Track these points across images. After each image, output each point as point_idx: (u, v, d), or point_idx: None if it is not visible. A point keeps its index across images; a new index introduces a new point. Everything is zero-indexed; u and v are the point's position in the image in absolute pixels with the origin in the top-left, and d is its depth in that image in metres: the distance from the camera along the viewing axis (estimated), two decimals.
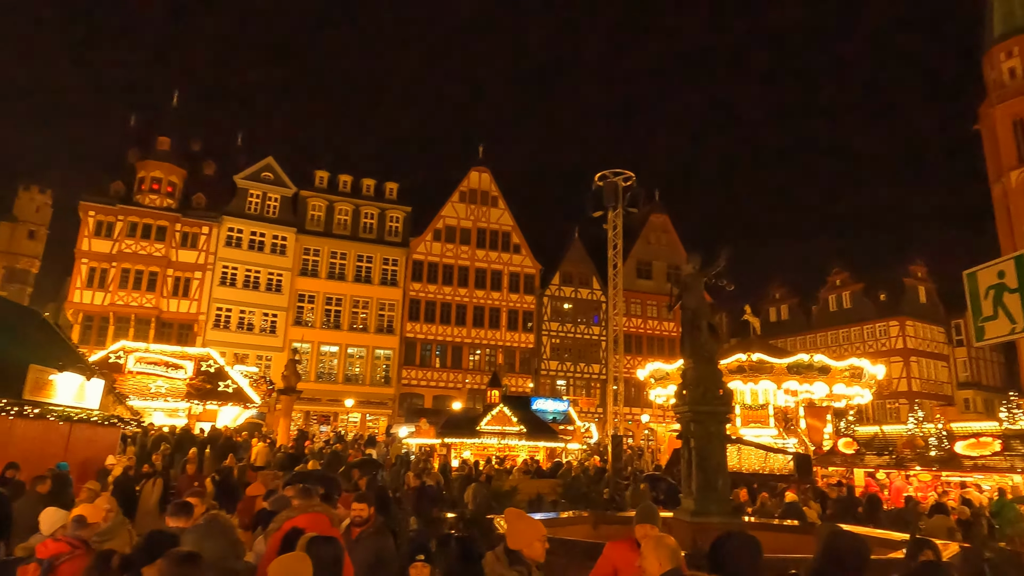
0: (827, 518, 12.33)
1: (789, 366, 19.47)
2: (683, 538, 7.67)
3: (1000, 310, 6.15)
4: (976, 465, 17.09)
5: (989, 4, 49.94)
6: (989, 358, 51.74)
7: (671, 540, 3.23)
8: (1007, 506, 12.82)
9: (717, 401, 8.51)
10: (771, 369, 19.28)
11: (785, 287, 57.85)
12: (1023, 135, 46.13)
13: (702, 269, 9.26)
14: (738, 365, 19.71)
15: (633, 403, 42.87)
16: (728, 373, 20.12)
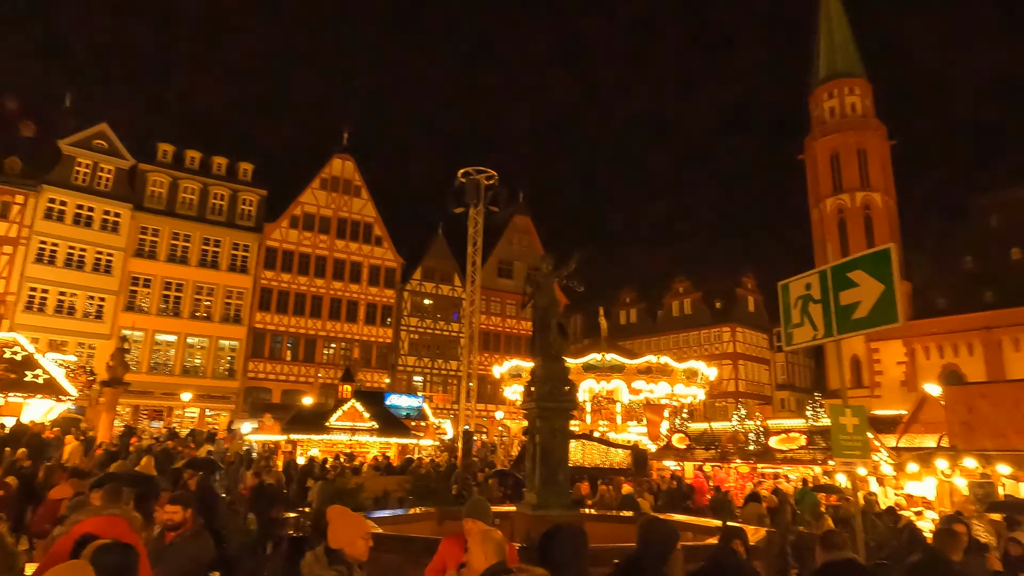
0: (659, 508, 13.22)
1: (639, 367, 20.70)
2: (524, 531, 7.85)
3: (806, 318, 6.87)
4: (786, 458, 19.13)
5: (817, 48, 56.29)
6: (802, 363, 58.23)
7: (497, 534, 3.24)
8: (808, 494, 14.43)
9: (562, 398, 8.78)
10: (623, 369, 20.39)
11: (634, 292, 61.47)
12: (838, 168, 52.48)
13: (555, 270, 9.52)
14: (592, 364, 20.63)
15: (489, 400, 43.51)
16: (583, 371, 21.02)
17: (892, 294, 5.87)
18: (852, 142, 51.86)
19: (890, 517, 10.99)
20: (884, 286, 5.99)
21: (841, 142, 52.16)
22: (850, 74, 53.83)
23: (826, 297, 6.66)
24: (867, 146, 51.84)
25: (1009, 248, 44.43)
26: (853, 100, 53.43)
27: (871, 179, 51.20)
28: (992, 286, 43.26)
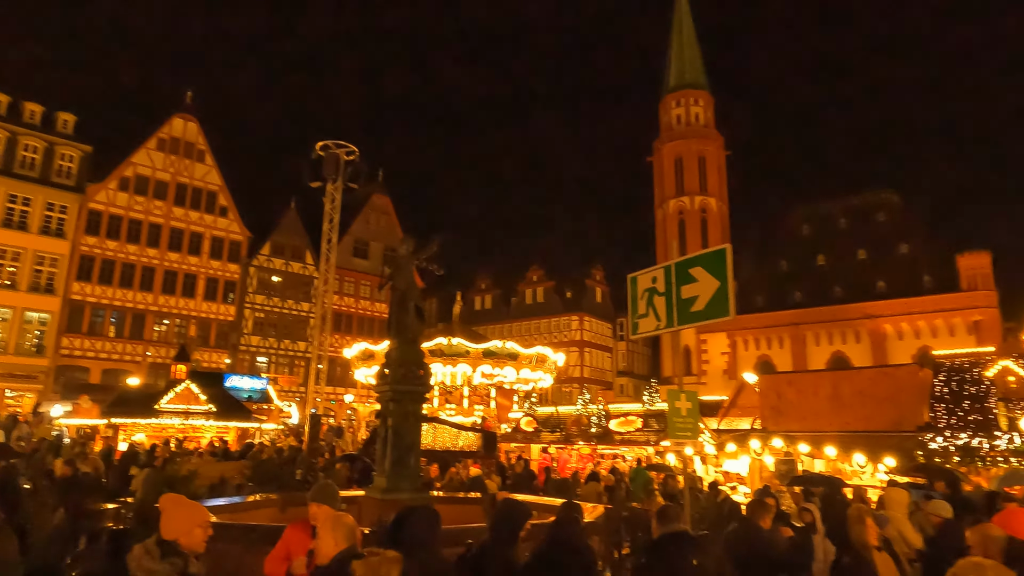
0: (506, 489, 13.58)
1: (485, 351, 21.02)
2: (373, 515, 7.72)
3: (651, 309, 7.34)
4: (624, 439, 20.47)
5: (669, 59, 60.24)
6: (641, 351, 62.51)
7: (349, 518, 3.16)
8: (641, 473, 15.53)
9: (417, 381, 8.72)
10: (468, 353, 20.61)
11: (490, 279, 62.49)
12: (681, 172, 56.64)
13: (415, 252, 9.40)
14: (439, 348, 20.67)
15: (339, 383, 42.27)
16: (430, 355, 20.98)
17: (726, 290, 6.41)
18: (694, 149, 56.19)
19: (712, 492, 12.14)
20: (720, 282, 6.51)
21: (685, 148, 56.34)
22: (695, 86, 58.19)
23: (669, 290, 7.12)
24: (706, 154, 56.41)
25: (816, 254, 50.46)
26: (697, 111, 57.83)
27: (709, 185, 55.81)
28: (801, 287, 48.99)
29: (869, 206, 51.03)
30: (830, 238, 50.58)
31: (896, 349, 43.35)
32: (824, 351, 46.83)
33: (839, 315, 46.40)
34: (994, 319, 41.33)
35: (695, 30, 59.86)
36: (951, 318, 42.69)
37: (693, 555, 3.42)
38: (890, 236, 47.97)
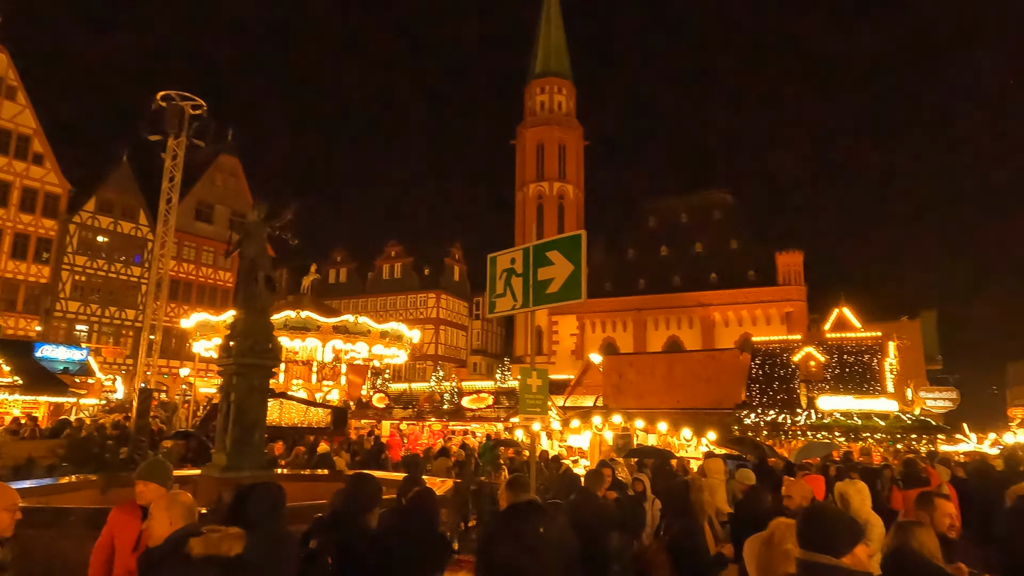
0: (356, 465, 13.39)
1: (335, 326, 20.40)
2: (212, 494, 7.30)
3: (509, 290, 7.54)
4: (475, 416, 20.90)
5: (536, 46, 61.35)
6: (496, 331, 63.84)
7: (186, 496, 2.99)
8: (490, 448, 15.98)
9: (265, 355, 8.31)
10: (319, 328, 19.90)
11: (347, 251, 60.64)
12: (542, 158, 58.18)
13: (267, 219, 8.90)
14: (286, 321, 19.77)
15: (173, 355, 39.16)
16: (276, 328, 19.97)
17: (579, 274, 6.73)
18: (555, 136, 57.90)
19: (554, 464, 12.79)
20: (574, 266, 6.82)
21: (547, 134, 57.89)
22: (560, 75, 59.84)
23: (527, 272, 7.34)
24: (567, 142, 58.38)
25: (660, 245, 54.20)
26: (560, 99, 59.54)
27: (567, 172, 57.86)
28: (645, 275, 52.44)
29: (707, 204, 55.57)
30: (673, 231, 54.53)
31: (723, 335, 47.83)
32: (662, 335, 50.61)
33: (677, 302, 50.30)
34: (803, 311, 46.88)
35: (563, 22, 61.42)
36: (768, 308, 47.83)
37: (540, 523, 3.61)
38: (723, 232, 52.64)
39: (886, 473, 10.23)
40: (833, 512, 2.52)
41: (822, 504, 2.57)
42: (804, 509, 2.59)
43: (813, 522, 2.44)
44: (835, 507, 2.52)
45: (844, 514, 2.46)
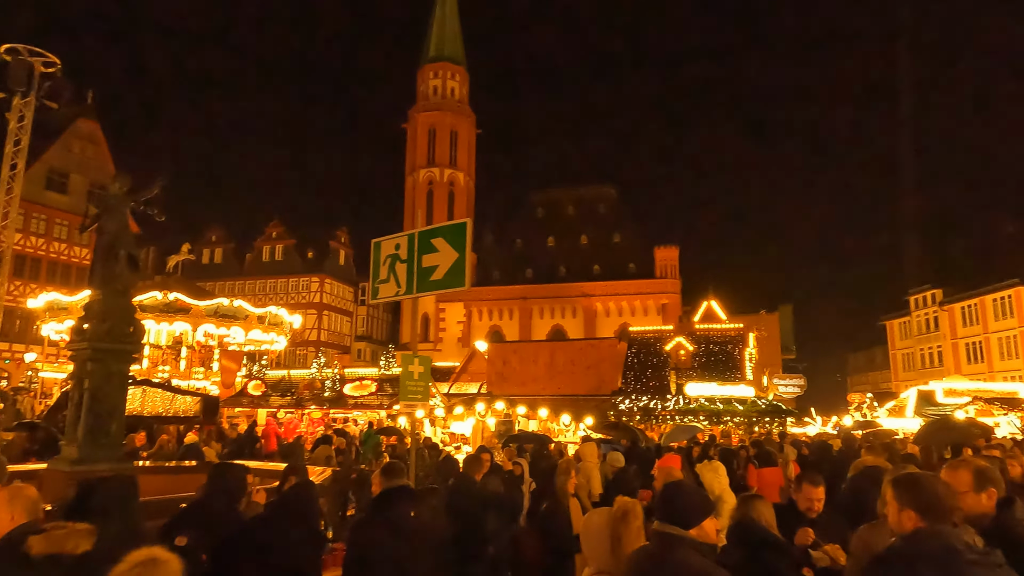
0: (227, 456, 12.77)
1: (208, 309, 19.25)
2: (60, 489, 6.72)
3: (392, 276, 7.47)
4: (357, 403, 20.53)
5: (431, 28, 60.50)
6: (381, 317, 62.79)
7: (30, 490, 2.76)
8: (372, 436, 15.79)
9: (125, 339, 7.74)
10: (188, 310, 18.67)
11: (224, 230, 57.25)
12: (433, 144, 57.64)
13: (130, 192, 8.25)
14: (153, 303, 18.40)
15: (17, 339, 35.40)
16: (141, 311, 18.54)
17: (463, 262, 6.80)
18: (448, 122, 57.54)
19: (435, 451, 12.87)
20: (459, 254, 6.88)
21: (439, 120, 57.39)
22: (454, 61, 59.42)
23: (411, 258, 7.32)
24: (459, 129, 58.18)
25: (547, 236, 55.45)
26: (453, 85, 59.17)
27: (459, 159, 57.73)
28: (532, 265, 53.49)
29: (593, 197, 57.46)
30: (560, 223, 55.95)
31: (604, 325, 49.79)
32: (547, 324, 51.92)
33: (562, 292, 51.75)
34: (676, 303, 49.73)
35: (458, 7, 60.92)
36: (646, 300, 50.32)
37: (412, 507, 3.65)
38: (607, 226, 54.68)
39: (742, 453, 11.17)
40: (686, 489, 2.75)
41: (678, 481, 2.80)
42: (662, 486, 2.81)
43: (668, 498, 2.64)
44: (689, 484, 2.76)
45: (697, 491, 2.69)
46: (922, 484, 2.23)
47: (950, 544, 1.96)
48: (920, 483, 2.24)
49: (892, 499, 2.29)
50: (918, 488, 2.21)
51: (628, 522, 2.78)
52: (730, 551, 3.58)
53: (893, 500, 2.27)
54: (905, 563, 1.99)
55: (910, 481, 2.28)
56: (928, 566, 1.91)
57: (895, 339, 54.70)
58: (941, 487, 2.25)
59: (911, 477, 2.33)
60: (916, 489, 2.21)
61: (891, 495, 2.30)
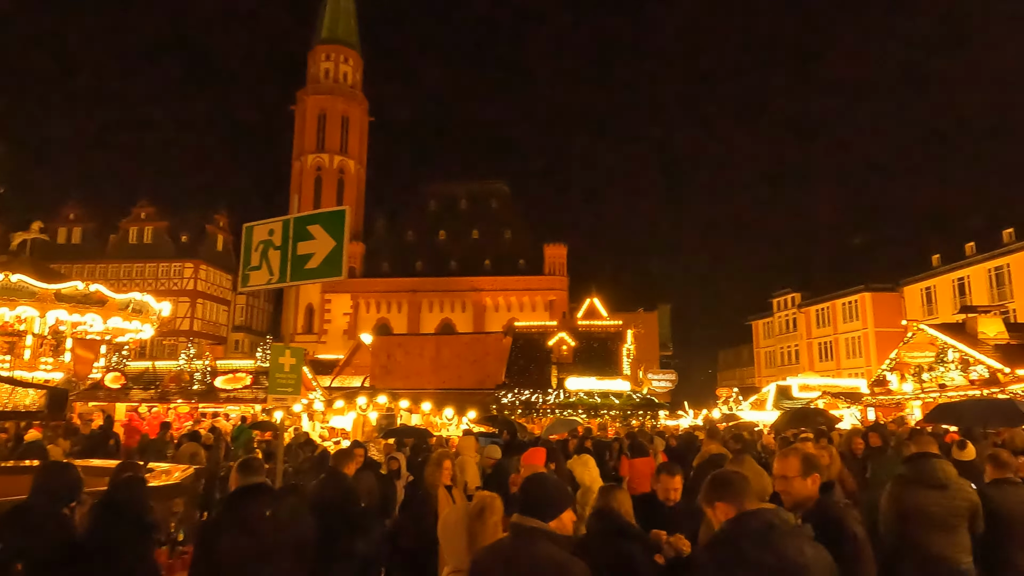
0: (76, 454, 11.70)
1: (59, 293, 17.40)
2: None
3: (265, 262, 7.10)
4: (230, 397, 19.44)
5: (324, 8, 58.22)
6: (262, 307, 59.92)
7: None
8: (244, 431, 15.03)
9: None
10: (34, 294, 16.79)
11: (83, 208, 52.36)
12: (323, 128, 55.61)
13: None
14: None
15: None
16: None
17: (340, 251, 6.58)
18: (339, 108, 55.73)
19: (309, 447, 12.45)
20: (336, 242, 6.65)
21: (330, 104, 55.45)
22: (347, 44, 57.62)
23: (286, 245, 7.00)
24: (351, 115, 56.52)
25: (439, 229, 55.14)
26: (346, 69, 57.37)
27: (350, 146, 56.09)
28: (423, 258, 53.02)
29: (486, 192, 57.77)
30: (452, 216, 55.81)
31: (493, 319, 50.25)
32: (436, 317, 51.66)
33: (452, 286, 51.66)
34: (564, 300, 51.07)
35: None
36: (535, 296, 51.30)
37: (268, 506, 3.47)
38: (499, 221, 55.17)
39: (615, 445, 11.64)
40: (545, 481, 2.78)
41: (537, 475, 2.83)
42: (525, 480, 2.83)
43: (526, 491, 2.66)
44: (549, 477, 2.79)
45: (556, 483, 2.73)
46: (723, 480, 2.51)
47: (768, 520, 2.20)
48: (722, 480, 2.52)
49: (701, 499, 2.56)
50: (722, 484, 2.48)
51: (484, 519, 2.79)
52: (589, 539, 3.70)
53: (703, 500, 2.55)
54: (730, 542, 2.22)
55: (713, 480, 2.55)
56: (749, 541, 2.14)
57: (759, 338, 59.09)
58: (738, 478, 2.53)
59: (713, 477, 2.59)
60: (721, 486, 2.48)
61: (701, 496, 2.57)
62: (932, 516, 4.10)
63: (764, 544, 2.13)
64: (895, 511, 4.23)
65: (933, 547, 4.00)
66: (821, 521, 2.65)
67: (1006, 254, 35.07)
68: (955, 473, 4.29)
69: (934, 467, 4.21)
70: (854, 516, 2.87)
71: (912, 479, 4.25)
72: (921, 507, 4.13)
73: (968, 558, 4.10)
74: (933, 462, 4.25)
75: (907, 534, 4.13)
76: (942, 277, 39.93)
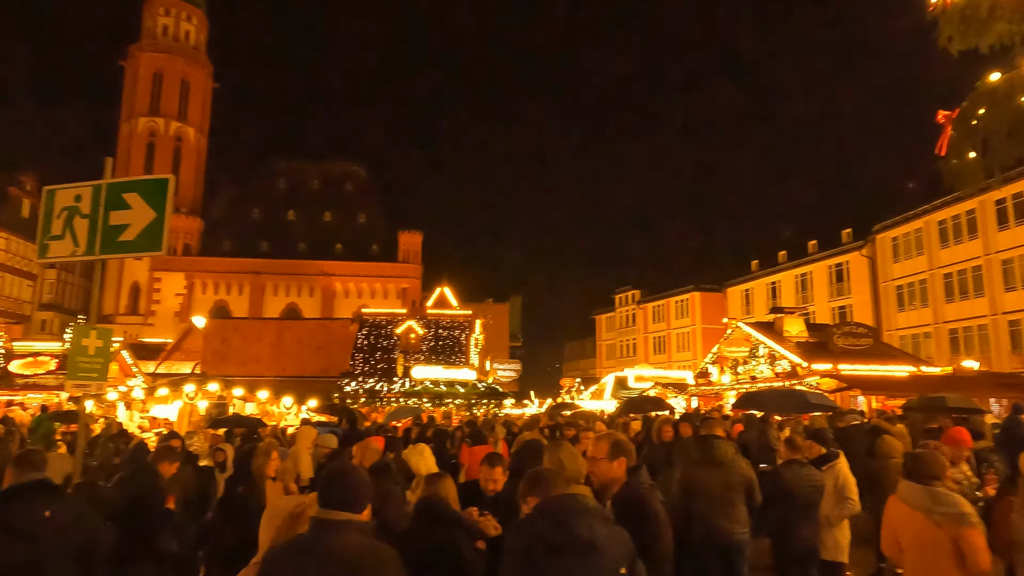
0: None
1: None
2: None
3: (69, 232, 6.29)
4: (29, 384, 17.16)
5: None
6: (76, 283, 53.45)
7: None
8: (44, 422, 13.37)
9: None
10: None
11: None
12: (159, 90, 50.58)
13: None
14: None
15: None
16: None
17: (161, 223, 5.99)
18: (178, 69, 50.99)
19: (123, 439, 11.32)
20: (156, 213, 6.05)
21: (167, 64, 50.57)
22: (191, 1, 52.85)
23: (95, 213, 6.27)
24: (192, 78, 51.94)
25: (288, 209, 52.41)
26: (189, 28, 52.62)
27: (190, 113, 51.57)
28: (269, 238, 50.13)
29: (340, 174, 55.78)
30: (303, 196, 53.27)
31: (342, 305, 48.72)
32: (281, 301, 49.12)
33: (300, 269, 49.36)
34: (417, 288, 50.68)
35: None
36: (387, 283, 50.42)
37: (47, 506, 3.07)
38: (353, 205, 53.53)
39: (457, 434, 11.72)
40: (350, 472, 2.66)
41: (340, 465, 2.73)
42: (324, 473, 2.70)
43: (331, 482, 2.53)
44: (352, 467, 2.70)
45: (361, 473, 2.63)
46: (534, 478, 2.71)
47: (566, 504, 2.36)
48: (532, 478, 2.71)
49: (518, 496, 2.72)
50: (533, 482, 2.67)
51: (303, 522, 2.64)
52: (412, 528, 3.68)
53: (519, 497, 2.71)
54: (529, 523, 2.39)
55: (527, 479, 2.73)
56: (545, 521, 2.30)
57: (602, 331, 62.48)
58: (548, 474, 2.74)
59: (527, 476, 2.77)
60: (531, 484, 2.66)
61: (518, 494, 2.72)
62: (712, 491, 4.61)
63: (557, 524, 2.26)
64: (682, 487, 4.73)
65: (712, 518, 4.55)
66: (626, 501, 2.83)
67: (810, 263, 39.81)
68: (733, 451, 4.90)
69: (715, 447, 4.80)
70: (656, 497, 3.10)
71: (697, 459, 4.82)
72: (703, 483, 4.65)
73: (744, 529, 4.66)
74: (714, 442, 4.86)
75: (692, 508, 4.62)
76: (759, 281, 44.52)
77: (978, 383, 17.76)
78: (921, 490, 3.48)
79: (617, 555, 2.32)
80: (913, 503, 3.48)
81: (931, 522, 3.34)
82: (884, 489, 6.03)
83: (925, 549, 3.39)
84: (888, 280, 33.81)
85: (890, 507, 3.66)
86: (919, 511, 3.41)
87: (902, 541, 3.52)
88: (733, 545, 4.64)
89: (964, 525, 3.29)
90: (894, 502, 3.65)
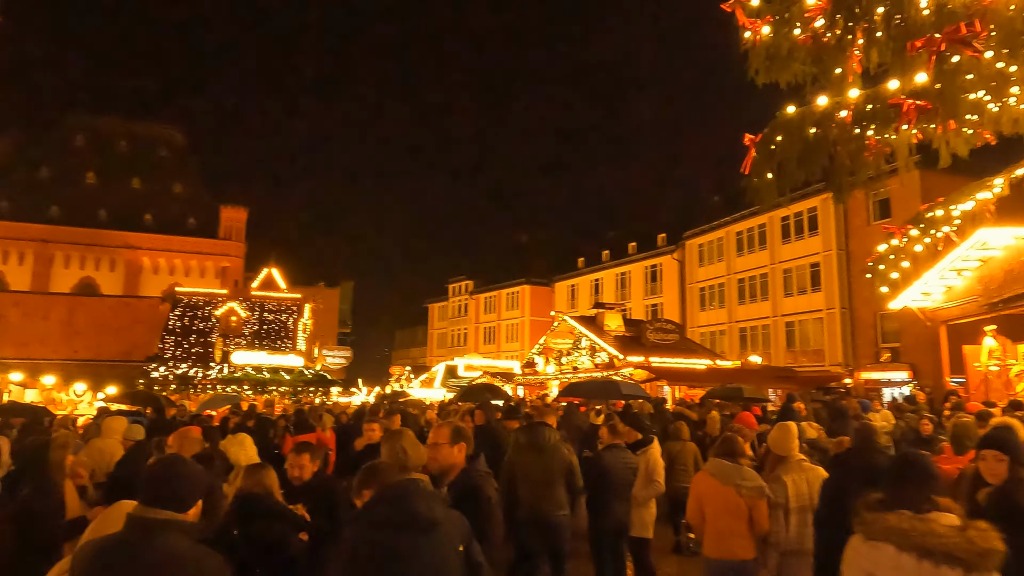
0: None
1: None
2: None
3: None
4: None
5: None
6: None
7: None
8: None
9: None
10: None
11: None
12: None
13: None
14: None
15: None
16: None
17: None
18: None
19: None
20: None
21: None
22: None
23: None
24: None
25: (87, 170, 46.29)
26: None
27: None
28: (61, 201, 43.96)
29: (154, 137, 50.35)
30: (106, 158, 47.34)
31: (150, 282, 44.14)
32: (74, 275, 43.39)
33: (99, 240, 43.91)
34: (239, 267, 47.29)
35: None
36: (205, 261, 46.49)
37: None
38: (168, 173, 48.57)
39: (280, 423, 11.17)
40: (179, 464, 2.43)
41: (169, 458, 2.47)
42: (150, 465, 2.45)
43: (155, 477, 2.30)
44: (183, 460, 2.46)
45: (194, 468, 2.40)
46: (368, 473, 2.77)
47: (404, 487, 2.47)
48: (366, 473, 2.78)
49: (352, 494, 2.78)
50: (367, 477, 2.74)
51: None
52: (234, 522, 3.48)
53: (352, 494, 2.77)
54: (368, 507, 2.46)
55: (360, 474, 2.79)
56: (384, 504, 2.38)
57: (434, 320, 62.71)
58: (382, 468, 2.82)
59: (361, 471, 2.83)
60: (365, 478, 2.73)
61: (355, 485, 2.78)
62: (534, 475, 4.95)
63: (395, 504, 2.35)
64: (509, 471, 5.04)
65: (534, 501, 4.90)
66: (463, 485, 2.94)
67: (630, 263, 43.05)
68: (557, 438, 5.30)
69: (539, 433, 5.17)
70: (491, 483, 3.25)
71: (523, 444, 5.13)
72: (526, 467, 4.99)
73: (563, 511, 5.07)
74: (539, 429, 5.24)
75: (516, 491, 4.94)
76: (584, 277, 47.28)
77: (761, 375, 20.47)
78: (731, 467, 4.11)
79: (455, 533, 2.44)
80: (723, 478, 4.09)
81: (736, 493, 4.01)
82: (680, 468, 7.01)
83: (728, 516, 4.02)
84: (693, 282, 37.59)
85: (699, 481, 4.29)
86: (729, 485, 4.05)
87: (707, 510, 4.12)
88: (553, 526, 4.97)
89: (762, 497, 4.04)
90: (703, 476, 4.27)
